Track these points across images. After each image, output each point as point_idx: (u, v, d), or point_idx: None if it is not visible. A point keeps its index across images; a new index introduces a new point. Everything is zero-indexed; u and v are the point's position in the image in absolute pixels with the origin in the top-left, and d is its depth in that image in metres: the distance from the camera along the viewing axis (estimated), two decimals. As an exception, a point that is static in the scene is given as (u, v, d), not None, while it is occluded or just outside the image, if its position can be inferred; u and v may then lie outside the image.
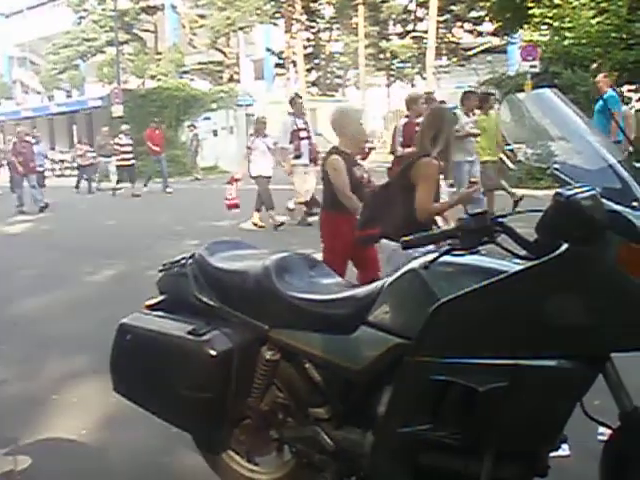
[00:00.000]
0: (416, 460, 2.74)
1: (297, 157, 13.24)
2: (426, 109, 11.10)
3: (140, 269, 9.33)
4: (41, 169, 22.28)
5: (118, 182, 23.26)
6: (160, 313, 3.47)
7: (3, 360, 6.22)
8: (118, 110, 30.85)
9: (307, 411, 3.16)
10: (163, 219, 16.13)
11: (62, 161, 37.81)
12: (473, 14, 38.32)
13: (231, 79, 42.64)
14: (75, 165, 32.84)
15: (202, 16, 42.98)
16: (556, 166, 2.63)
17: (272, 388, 3.32)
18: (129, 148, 23.29)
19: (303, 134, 13.35)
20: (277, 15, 41.25)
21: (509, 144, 9.09)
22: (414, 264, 2.82)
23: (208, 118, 33.12)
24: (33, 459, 4.23)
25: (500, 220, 2.65)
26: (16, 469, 4.13)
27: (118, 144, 23.48)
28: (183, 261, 3.54)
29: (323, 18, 43.57)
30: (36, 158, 20.98)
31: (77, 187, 25.90)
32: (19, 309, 8.13)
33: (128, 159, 23.11)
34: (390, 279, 2.89)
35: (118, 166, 23.42)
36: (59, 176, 35.83)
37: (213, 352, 3.08)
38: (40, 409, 5.05)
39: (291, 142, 13.19)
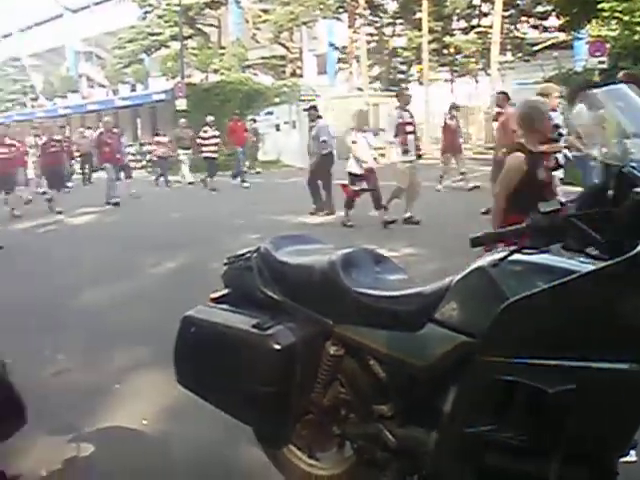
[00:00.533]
0: (481, 461, 2.69)
1: (404, 152, 12.72)
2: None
3: (204, 262, 9.37)
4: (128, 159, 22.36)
5: (208, 175, 22.74)
6: (224, 306, 3.48)
7: (67, 349, 6.33)
8: (182, 104, 31.10)
9: (370, 408, 3.14)
10: (226, 212, 16.22)
11: (127, 154, 38.34)
12: (539, 9, 37.64)
13: (294, 74, 42.69)
14: (146, 158, 33.24)
15: (265, 11, 43.10)
16: (632, 164, 2.55)
17: (335, 383, 3.31)
18: (215, 140, 23.01)
19: (409, 128, 12.87)
20: (340, 10, 41.03)
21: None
22: (482, 262, 2.77)
23: (271, 113, 33.15)
24: (95, 447, 4.31)
25: (572, 219, 2.58)
26: (79, 455, 4.21)
27: (201, 137, 23.22)
28: (248, 255, 3.54)
29: (386, 13, 43.18)
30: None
31: (157, 181, 25.54)
32: (84, 299, 8.27)
33: (212, 152, 22.85)
34: (458, 276, 2.84)
35: (205, 158, 22.99)
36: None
37: (277, 346, 3.08)
38: (102, 398, 5.14)
39: (396, 136, 12.77)
